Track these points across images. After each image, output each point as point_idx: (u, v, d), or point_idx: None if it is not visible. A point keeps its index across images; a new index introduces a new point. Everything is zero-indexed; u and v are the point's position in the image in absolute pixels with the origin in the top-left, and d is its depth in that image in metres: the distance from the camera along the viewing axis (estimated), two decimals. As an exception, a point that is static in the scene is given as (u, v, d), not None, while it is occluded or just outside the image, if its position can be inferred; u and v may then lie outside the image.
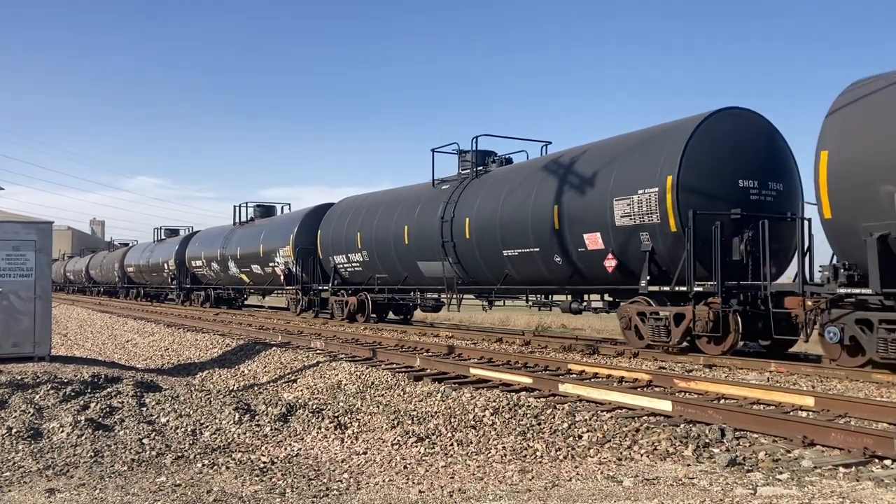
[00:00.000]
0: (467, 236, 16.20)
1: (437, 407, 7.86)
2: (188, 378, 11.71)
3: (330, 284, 22.38)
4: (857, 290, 9.54)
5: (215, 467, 5.87)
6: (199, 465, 5.95)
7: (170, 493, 5.14)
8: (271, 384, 11.01)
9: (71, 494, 5.10)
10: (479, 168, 17.49)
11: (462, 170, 18.08)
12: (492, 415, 7.18)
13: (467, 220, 16.21)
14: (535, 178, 14.85)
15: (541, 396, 8.69)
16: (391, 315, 22.15)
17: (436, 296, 18.92)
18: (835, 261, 9.96)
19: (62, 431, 6.74)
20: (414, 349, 13.98)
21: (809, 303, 10.35)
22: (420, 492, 5.10)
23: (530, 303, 15.86)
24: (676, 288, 11.86)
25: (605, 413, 7.50)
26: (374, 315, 21.22)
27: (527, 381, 9.56)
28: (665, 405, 7.58)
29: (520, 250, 14.83)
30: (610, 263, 12.97)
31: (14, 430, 6.69)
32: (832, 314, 9.97)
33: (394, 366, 11.65)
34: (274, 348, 13.74)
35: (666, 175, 11.76)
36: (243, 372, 12.38)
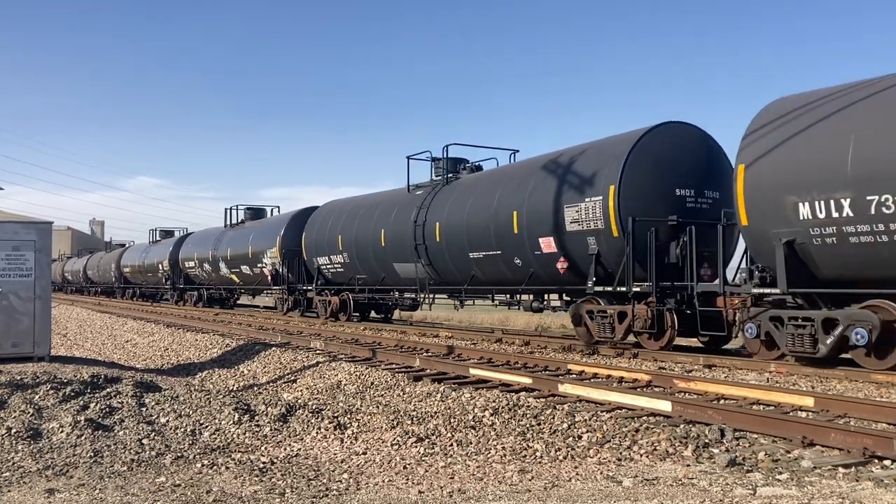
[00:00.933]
0: (438, 239, 17.18)
1: (437, 407, 7.87)
2: (188, 378, 11.71)
3: (314, 285, 23.35)
4: (768, 290, 10.62)
5: (215, 467, 5.87)
6: (199, 465, 5.95)
7: (169, 493, 5.14)
8: (271, 384, 11.01)
9: (70, 495, 5.10)
10: (449, 175, 18.46)
11: (435, 176, 19.04)
12: (491, 415, 7.18)
13: (438, 224, 17.19)
14: (498, 186, 15.87)
15: (540, 397, 8.70)
16: (373, 314, 22.95)
17: (412, 295, 19.88)
18: (750, 263, 11.11)
19: (62, 432, 6.74)
20: (413, 349, 13.98)
21: (736, 301, 11.23)
22: (420, 492, 5.11)
23: (496, 302, 16.93)
24: (618, 288, 12.80)
25: (604, 413, 7.50)
26: (357, 314, 22.07)
27: (526, 381, 9.56)
28: (665, 405, 7.59)
29: (484, 253, 15.83)
30: (562, 265, 13.93)
31: (14, 431, 6.69)
32: (750, 312, 10.95)
33: (393, 366, 11.65)
34: (273, 348, 13.74)
35: (609, 185, 12.74)
36: (243, 372, 12.38)
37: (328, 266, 22.53)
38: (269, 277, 26.29)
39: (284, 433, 6.97)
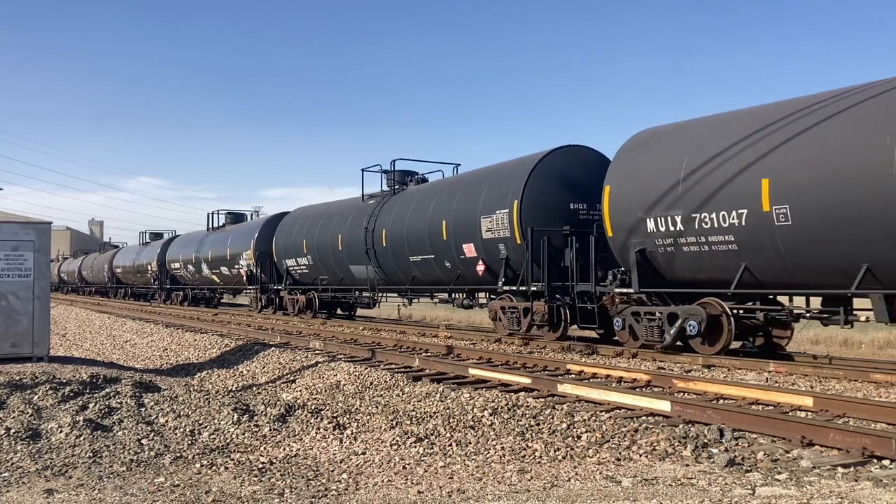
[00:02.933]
0: (384, 244, 19.32)
1: (436, 407, 7.86)
2: (187, 378, 11.70)
3: (283, 284, 25.72)
4: (626, 290, 12.66)
5: (214, 468, 5.87)
6: (198, 465, 5.95)
7: (168, 493, 5.14)
8: (270, 384, 11.01)
9: (69, 495, 5.10)
10: (397, 186, 20.59)
11: (385, 187, 21.16)
12: (490, 415, 7.18)
13: (384, 230, 19.34)
14: (433, 198, 17.97)
15: (539, 397, 8.70)
16: (339, 311, 25.03)
17: (369, 294, 21.98)
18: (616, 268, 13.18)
19: (61, 432, 6.74)
20: (413, 349, 13.98)
21: (616, 300, 13.05)
22: (419, 492, 5.11)
23: (436, 300, 19.51)
24: (520, 287, 14.84)
25: (603, 413, 7.50)
26: (325, 311, 24.27)
27: (525, 381, 9.56)
28: (664, 405, 7.59)
29: (421, 256, 17.98)
30: (480, 268, 16.12)
31: (13, 431, 6.68)
32: (618, 308, 12.92)
33: (392, 366, 11.65)
34: (272, 349, 13.73)
35: (514, 200, 14.80)
36: (242, 372, 12.38)
37: (295, 267, 24.74)
38: (245, 278, 28.48)
39: (283, 433, 6.97)
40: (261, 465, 5.90)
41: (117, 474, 5.70)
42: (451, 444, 6.39)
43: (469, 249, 16.18)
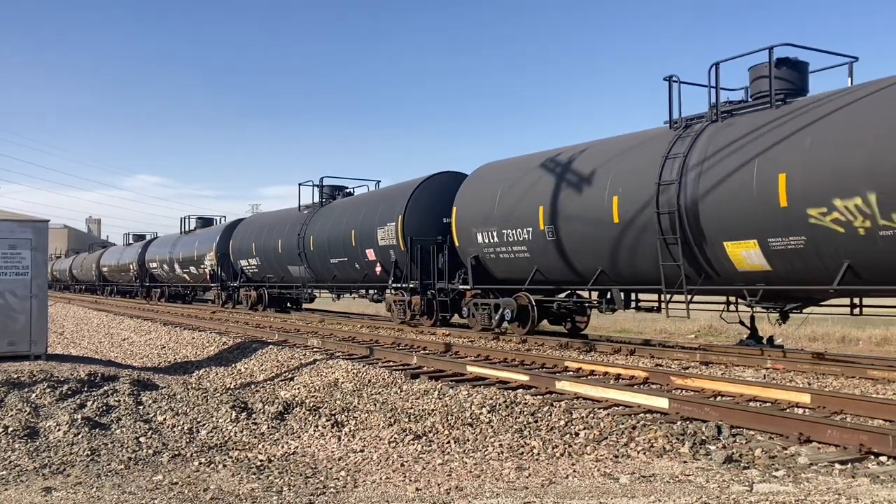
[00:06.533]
0: (312, 248, 22.85)
1: (434, 405, 7.86)
2: (185, 376, 11.70)
3: (238, 282, 29.39)
4: (465, 287, 16.46)
5: (212, 465, 5.87)
6: (196, 463, 5.95)
7: (166, 491, 5.14)
8: (268, 382, 11.00)
9: (68, 493, 5.10)
10: (324, 199, 24.17)
11: (316, 200, 24.64)
12: (489, 412, 7.18)
13: (312, 237, 22.88)
14: (348, 210, 21.60)
15: (538, 394, 8.70)
16: (288, 305, 28.39)
17: (303, 290, 25.44)
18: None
19: (59, 430, 6.74)
20: (411, 347, 13.98)
21: (466, 293, 16.69)
22: (417, 489, 5.11)
23: (354, 295, 23.61)
24: (403, 284, 18.45)
25: (601, 410, 7.51)
26: (277, 306, 27.68)
27: (523, 378, 9.57)
28: (662, 402, 7.59)
29: (339, 259, 21.45)
30: (378, 269, 19.57)
31: (10, 429, 6.68)
32: (467, 300, 16.72)
33: (391, 364, 11.65)
34: (271, 346, 13.72)
35: (398, 215, 18.33)
36: (240, 370, 12.37)
37: (248, 267, 28.22)
38: (209, 276, 31.77)
39: (282, 431, 6.98)
40: (259, 463, 5.90)
41: (115, 472, 5.70)
42: (449, 442, 6.39)
43: (370, 254, 19.62)
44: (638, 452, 5.98)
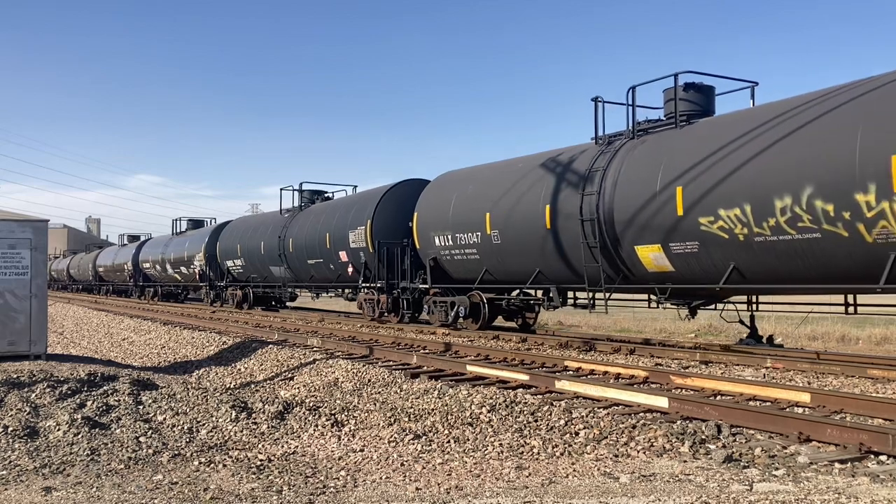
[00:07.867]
0: (291, 250, 24.20)
1: (434, 404, 7.86)
2: (185, 376, 11.69)
3: (224, 281, 30.70)
4: (425, 286, 17.83)
5: (212, 465, 5.87)
6: (196, 462, 5.95)
7: (166, 490, 5.14)
8: (268, 382, 11.00)
9: (68, 493, 5.10)
10: (303, 203, 25.61)
11: (296, 203, 26.02)
12: (488, 412, 7.18)
13: (291, 239, 24.22)
14: (323, 214, 22.89)
15: (537, 393, 8.70)
16: (273, 303, 29.62)
17: (289, 290, 26.76)
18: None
19: (58, 430, 6.73)
20: (411, 346, 13.98)
21: (428, 292, 17.93)
22: (417, 489, 5.11)
23: (331, 294, 24.83)
24: (372, 284, 19.83)
25: (601, 410, 7.50)
26: (262, 305, 28.93)
27: (523, 377, 9.57)
28: (662, 402, 7.60)
29: (315, 260, 22.81)
30: (350, 269, 20.92)
31: (10, 429, 6.68)
32: (428, 297, 17.91)
33: (391, 363, 11.65)
34: (270, 346, 13.72)
35: (367, 220, 19.67)
36: (240, 370, 12.37)
37: (233, 267, 29.62)
38: (198, 276, 32.92)
39: (282, 431, 6.97)
40: (259, 463, 5.90)
41: (115, 472, 5.70)
42: (449, 441, 6.39)
43: (343, 255, 20.96)
44: (638, 452, 5.98)
